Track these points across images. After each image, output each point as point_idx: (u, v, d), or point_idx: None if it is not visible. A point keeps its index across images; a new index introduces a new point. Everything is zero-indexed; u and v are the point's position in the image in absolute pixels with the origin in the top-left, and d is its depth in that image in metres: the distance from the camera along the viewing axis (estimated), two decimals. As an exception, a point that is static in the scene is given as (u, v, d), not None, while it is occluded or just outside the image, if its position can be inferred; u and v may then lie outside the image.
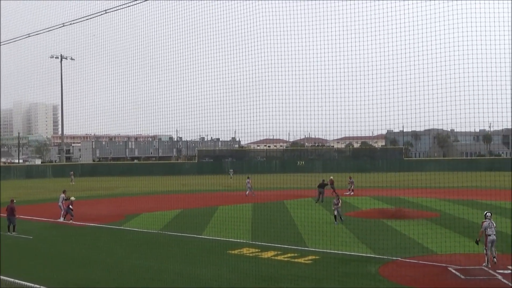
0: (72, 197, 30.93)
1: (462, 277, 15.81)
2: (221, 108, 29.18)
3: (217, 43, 31.89)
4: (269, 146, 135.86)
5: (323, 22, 23.32)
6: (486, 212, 17.78)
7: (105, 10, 21.01)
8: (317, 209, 33.19)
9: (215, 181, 61.67)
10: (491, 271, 16.30)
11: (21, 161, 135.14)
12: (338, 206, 27.13)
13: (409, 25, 20.89)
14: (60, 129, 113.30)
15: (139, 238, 24.15)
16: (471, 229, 22.41)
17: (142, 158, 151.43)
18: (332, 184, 41.59)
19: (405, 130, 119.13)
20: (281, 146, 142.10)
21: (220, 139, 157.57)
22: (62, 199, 30.49)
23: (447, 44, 20.55)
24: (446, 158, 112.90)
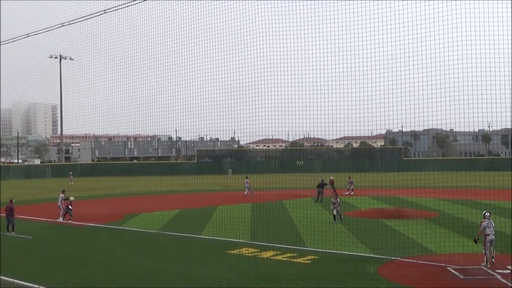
0: (71, 197, 30.92)
1: (461, 276, 15.82)
2: (220, 108, 29.23)
3: (216, 42, 31.91)
4: (268, 146, 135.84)
5: (322, 22, 23.33)
6: (485, 211, 17.79)
7: (104, 10, 21.01)
8: (316, 209, 33.21)
9: (214, 181, 61.67)
10: (490, 271, 16.30)
11: (20, 161, 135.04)
12: (337, 206, 27.15)
13: (408, 25, 20.91)
14: (59, 129, 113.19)
15: (138, 238, 24.15)
16: (470, 229, 22.42)
17: (141, 158, 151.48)
18: (332, 184, 41.59)
19: (404, 130, 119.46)
20: (280, 146, 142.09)
21: (219, 139, 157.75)
22: (61, 199, 30.49)
23: (446, 44, 20.58)
24: (445, 158, 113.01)
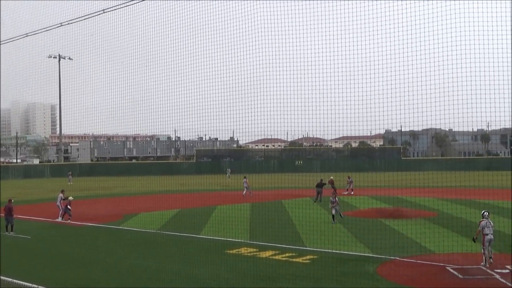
0: (70, 196, 30.89)
1: (460, 276, 15.83)
2: (219, 108, 29.18)
3: (215, 42, 31.92)
4: (267, 146, 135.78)
5: (321, 21, 23.34)
6: (484, 211, 17.79)
7: (103, 10, 21.00)
8: (315, 209, 33.21)
9: (213, 180, 61.64)
10: (489, 271, 16.31)
11: (19, 161, 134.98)
12: (335, 205, 27.15)
13: (407, 24, 20.92)
14: (58, 129, 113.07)
15: (137, 238, 24.13)
16: (469, 228, 22.44)
17: (140, 158, 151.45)
18: (332, 183, 41.60)
19: (403, 129, 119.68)
20: (279, 145, 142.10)
21: (218, 138, 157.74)
22: (60, 199, 30.48)
23: (445, 44, 20.58)
24: (444, 158, 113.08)
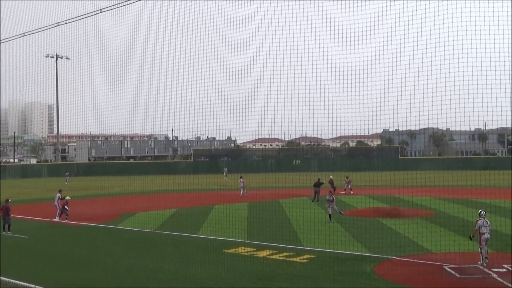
0: (67, 196, 30.85)
1: (457, 275, 15.85)
2: (217, 107, 29.17)
3: (212, 42, 31.86)
4: (265, 145, 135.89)
5: (318, 21, 23.34)
6: (481, 210, 17.81)
7: (100, 10, 20.97)
8: (313, 208, 33.25)
9: (210, 180, 61.66)
10: (486, 270, 16.34)
11: (16, 160, 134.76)
12: (332, 204, 27.13)
13: (405, 24, 20.93)
14: (55, 129, 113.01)
15: (135, 238, 24.09)
16: (466, 227, 22.48)
17: (137, 158, 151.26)
18: (332, 183, 41.69)
19: (401, 129, 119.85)
20: (277, 145, 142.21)
21: (216, 138, 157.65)
22: (58, 199, 30.45)
23: (443, 43, 20.62)
24: (442, 157, 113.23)
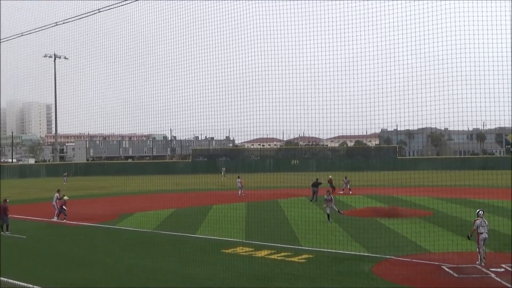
0: (65, 196, 30.82)
1: (455, 275, 15.86)
2: (216, 107, 29.21)
3: (211, 42, 31.88)
4: (263, 145, 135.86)
5: (317, 21, 23.36)
6: (479, 210, 17.83)
7: (98, 9, 20.97)
8: (311, 208, 33.25)
9: (209, 180, 61.60)
10: (484, 269, 16.35)
11: (14, 160, 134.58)
12: (330, 203, 27.11)
13: (404, 24, 20.97)
14: (53, 128, 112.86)
15: (133, 238, 24.08)
16: (464, 227, 22.49)
17: (136, 158, 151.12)
18: (331, 183, 41.72)
19: (399, 129, 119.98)
20: (275, 145, 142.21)
21: (214, 138, 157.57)
22: (56, 198, 30.41)
23: (441, 43, 20.64)
24: (440, 157, 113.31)
